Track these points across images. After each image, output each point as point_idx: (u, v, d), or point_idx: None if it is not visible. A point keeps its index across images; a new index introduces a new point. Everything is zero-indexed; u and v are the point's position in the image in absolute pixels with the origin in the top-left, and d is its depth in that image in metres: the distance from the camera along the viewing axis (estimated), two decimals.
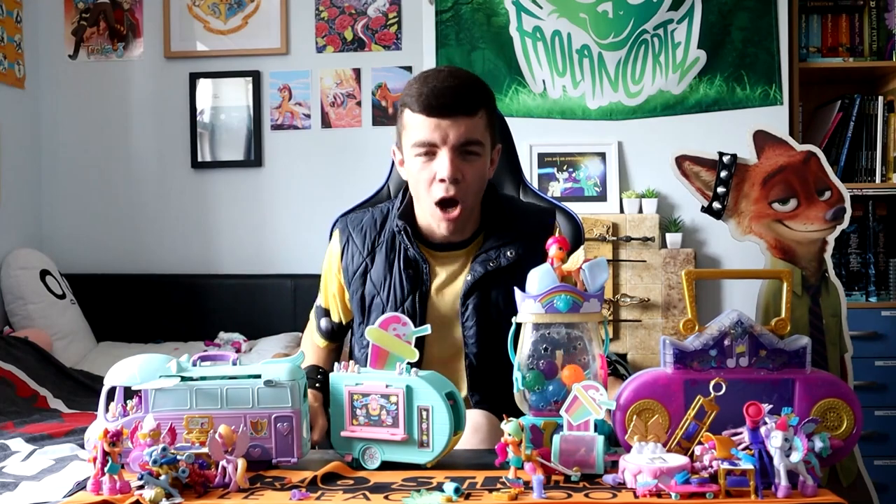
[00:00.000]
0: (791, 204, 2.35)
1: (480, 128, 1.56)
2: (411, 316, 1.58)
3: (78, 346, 3.29)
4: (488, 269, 1.60)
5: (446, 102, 1.52)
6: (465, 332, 1.62)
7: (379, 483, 1.20)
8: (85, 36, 3.64)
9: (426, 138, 1.54)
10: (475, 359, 1.62)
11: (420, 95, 1.53)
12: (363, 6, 3.54)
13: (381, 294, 1.64)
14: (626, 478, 1.14)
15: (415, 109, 1.54)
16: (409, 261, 1.63)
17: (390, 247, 1.65)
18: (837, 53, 3.23)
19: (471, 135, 1.54)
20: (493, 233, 1.65)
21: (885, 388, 2.95)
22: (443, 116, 1.52)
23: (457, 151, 1.54)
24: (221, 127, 3.61)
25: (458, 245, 1.66)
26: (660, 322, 3.04)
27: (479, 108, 1.56)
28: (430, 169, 1.55)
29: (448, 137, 1.53)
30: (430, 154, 1.55)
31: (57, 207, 3.68)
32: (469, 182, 1.57)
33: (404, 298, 1.61)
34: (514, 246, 1.61)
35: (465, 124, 1.53)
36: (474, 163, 1.56)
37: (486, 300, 1.61)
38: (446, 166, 1.53)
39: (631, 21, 3.13)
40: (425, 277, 1.62)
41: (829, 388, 1.24)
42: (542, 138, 3.19)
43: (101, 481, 1.16)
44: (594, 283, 1.30)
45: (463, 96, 1.54)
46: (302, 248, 3.54)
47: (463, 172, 1.55)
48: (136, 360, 1.32)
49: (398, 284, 1.62)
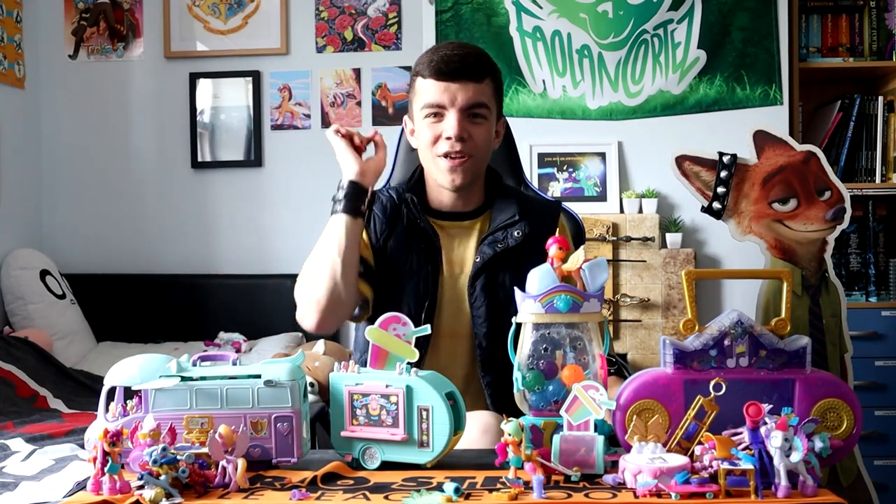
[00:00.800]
0: (791, 204, 2.34)
1: (487, 93, 1.65)
2: (425, 288, 1.64)
3: (78, 346, 3.29)
4: (497, 250, 1.65)
5: (455, 67, 1.61)
6: (473, 314, 1.66)
7: (379, 483, 1.20)
8: (85, 36, 3.64)
9: (435, 100, 1.62)
10: (485, 339, 1.64)
11: (430, 62, 1.63)
12: (363, 6, 3.54)
13: (398, 262, 1.69)
14: (626, 478, 1.14)
15: (425, 75, 1.63)
16: (421, 234, 1.69)
17: (406, 223, 1.71)
18: (837, 53, 3.22)
19: (478, 98, 1.63)
20: (500, 210, 1.70)
21: (885, 388, 2.95)
22: (451, 80, 1.61)
23: (464, 113, 1.62)
24: (221, 127, 3.61)
25: (464, 216, 1.72)
26: (660, 322, 3.04)
27: (486, 76, 1.65)
28: (437, 129, 1.64)
29: (456, 99, 1.61)
30: (438, 116, 1.64)
31: (57, 207, 3.67)
32: (475, 142, 1.64)
33: (418, 269, 1.67)
34: (521, 226, 1.66)
35: (473, 88, 1.62)
36: (481, 125, 1.64)
37: (494, 281, 1.65)
38: (454, 125, 1.61)
39: (631, 21, 3.13)
40: (438, 252, 1.68)
41: (829, 388, 1.24)
42: (542, 138, 3.19)
43: (101, 481, 1.16)
44: (594, 283, 1.30)
45: (470, 63, 1.63)
46: (302, 247, 3.50)
47: (469, 132, 1.63)
48: (136, 360, 1.32)
49: (414, 256, 1.68)
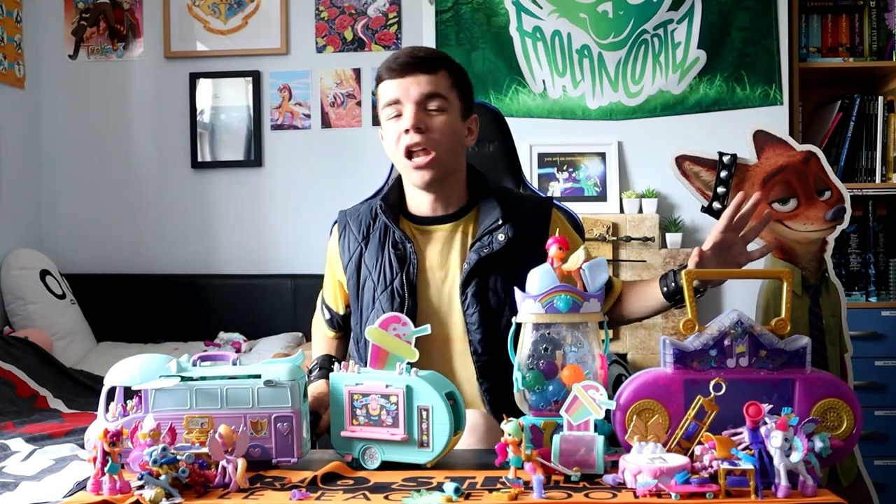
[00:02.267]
0: (791, 204, 2.35)
1: (442, 85, 1.65)
2: (401, 295, 1.64)
3: (78, 346, 3.29)
4: (482, 255, 1.64)
5: (404, 61, 1.64)
6: (467, 320, 1.64)
7: (379, 483, 1.20)
8: (85, 36, 3.64)
9: (392, 97, 1.64)
10: (480, 346, 1.63)
11: (385, 64, 1.67)
12: (363, 6, 3.54)
13: (373, 275, 1.69)
14: (626, 478, 1.14)
15: (383, 77, 1.67)
16: (396, 242, 1.69)
17: (383, 230, 1.71)
18: (837, 53, 3.23)
19: (432, 89, 1.63)
20: (484, 214, 1.69)
21: (885, 388, 2.95)
22: (403, 75, 1.63)
23: (419, 105, 1.62)
24: (221, 127, 3.61)
25: (446, 219, 1.71)
26: (660, 322, 3.04)
27: (440, 68, 1.66)
28: (398, 126, 1.65)
29: (409, 92, 1.63)
30: (398, 116, 1.65)
31: (57, 207, 3.68)
32: (434, 133, 1.63)
33: (393, 277, 1.67)
34: (505, 229, 1.65)
35: (425, 80, 1.63)
36: (437, 116, 1.64)
37: (485, 286, 1.65)
38: (409, 116, 1.62)
39: (631, 21, 3.13)
40: (412, 257, 1.67)
41: (829, 388, 1.24)
42: (542, 138, 3.19)
43: (101, 481, 1.16)
44: (594, 283, 1.30)
45: (420, 56, 1.66)
46: (302, 248, 3.54)
47: (427, 124, 1.63)
48: (136, 360, 1.32)
49: (387, 264, 1.68)
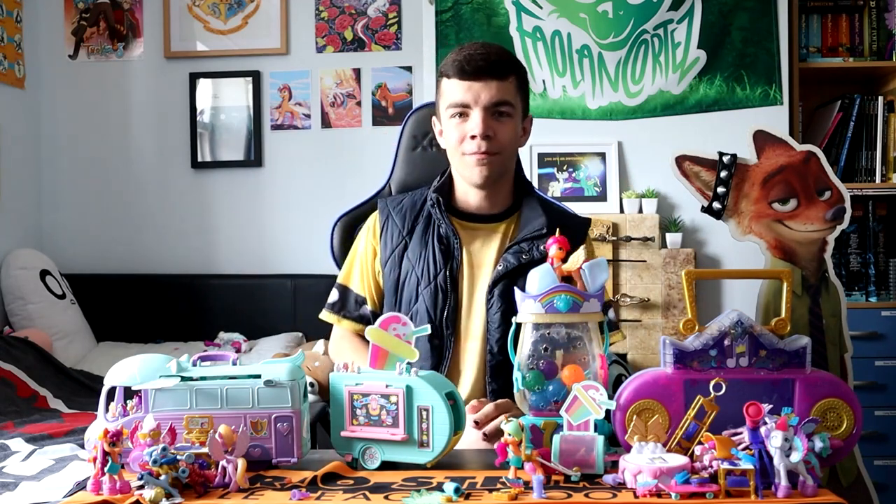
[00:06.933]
0: (791, 204, 2.34)
1: (511, 91, 1.66)
2: (444, 290, 1.65)
3: (78, 346, 3.29)
4: (521, 261, 1.64)
5: (478, 65, 1.63)
6: (488, 319, 1.65)
7: (379, 483, 1.20)
8: (85, 36, 3.64)
9: (459, 100, 1.64)
10: (496, 345, 1.64)
11: (454, 62, 1.64)
12: (363, 6, 3.54)
13: (417, 269, 1.69)
14: (626, 478, 1.14)
15: (450, 75, 1.65)
16: (441, 236, 1.70)
17: (427, 224, 1.72)
18: (837, 53, 3.22)
19: (502, 96, 1.64)
20: (528, 218, 1.70)
21: (885, 388, 2.95)
22: (475, 79, 1.63)
23: (488, 111, 1.63)
24: (221, 127, 3.61)
25: (491, 218, 1.72)
26: (660, 322, 3.04)
27: (510, 74, 1.66)
28: (463, 128, 1.65)
29: (480, 98, 1.63)
30: (463, 115, 1.65)
31: (57, 207, 3.67)
32: (501, 140, 1.65)
33: (437, 272, 1.67)
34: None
35: (496, 86, 1.63)
36: (505, 123, 1.65)
37: (512, 289, 1.63)
38: (478, 123, 1.62)
39: (631, 21, 3.13)
40: (456, 253, 1.68)
41: (829, 388, 1.24)
42: (542, 138, 3.18)
43: (101, 481, 1.16)
44: (594, 283, 1.30)
45: (493, 61, 1.64)
46: (302, 248, 3.54)
47: (494, 130, 1.64)
48: (136, 360, 1.32)
49: (431, 259, 1.68)
